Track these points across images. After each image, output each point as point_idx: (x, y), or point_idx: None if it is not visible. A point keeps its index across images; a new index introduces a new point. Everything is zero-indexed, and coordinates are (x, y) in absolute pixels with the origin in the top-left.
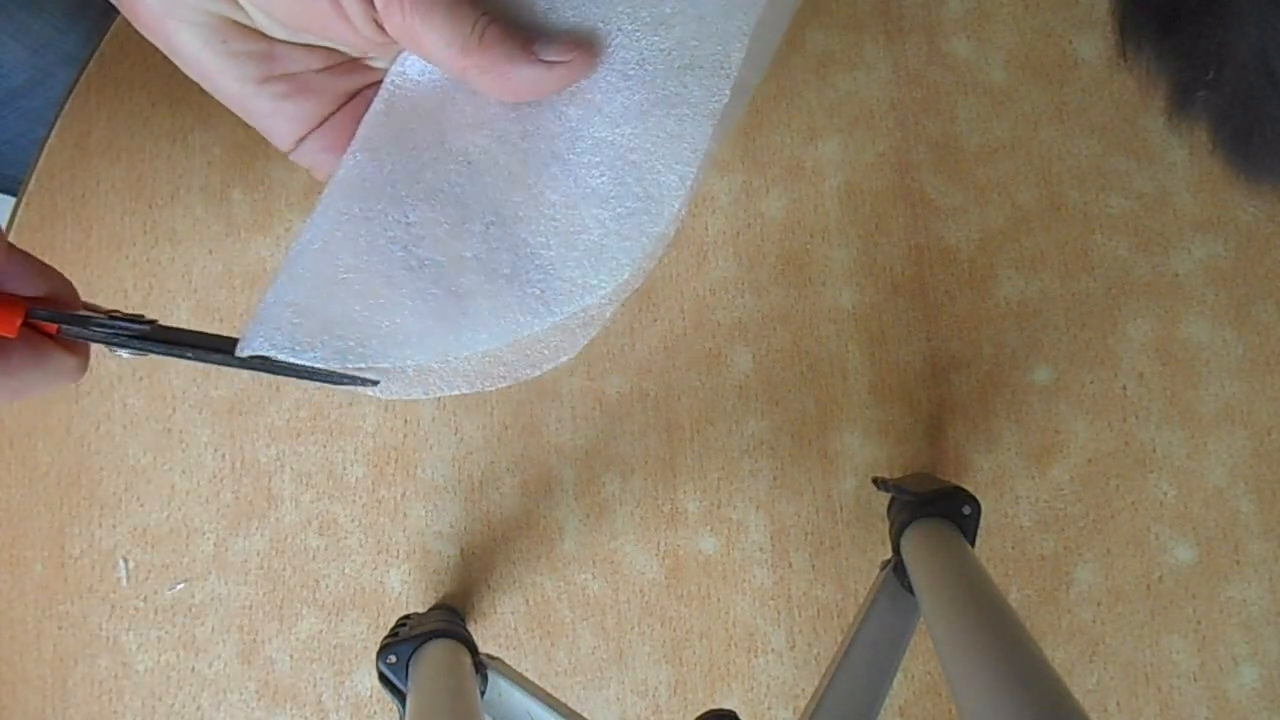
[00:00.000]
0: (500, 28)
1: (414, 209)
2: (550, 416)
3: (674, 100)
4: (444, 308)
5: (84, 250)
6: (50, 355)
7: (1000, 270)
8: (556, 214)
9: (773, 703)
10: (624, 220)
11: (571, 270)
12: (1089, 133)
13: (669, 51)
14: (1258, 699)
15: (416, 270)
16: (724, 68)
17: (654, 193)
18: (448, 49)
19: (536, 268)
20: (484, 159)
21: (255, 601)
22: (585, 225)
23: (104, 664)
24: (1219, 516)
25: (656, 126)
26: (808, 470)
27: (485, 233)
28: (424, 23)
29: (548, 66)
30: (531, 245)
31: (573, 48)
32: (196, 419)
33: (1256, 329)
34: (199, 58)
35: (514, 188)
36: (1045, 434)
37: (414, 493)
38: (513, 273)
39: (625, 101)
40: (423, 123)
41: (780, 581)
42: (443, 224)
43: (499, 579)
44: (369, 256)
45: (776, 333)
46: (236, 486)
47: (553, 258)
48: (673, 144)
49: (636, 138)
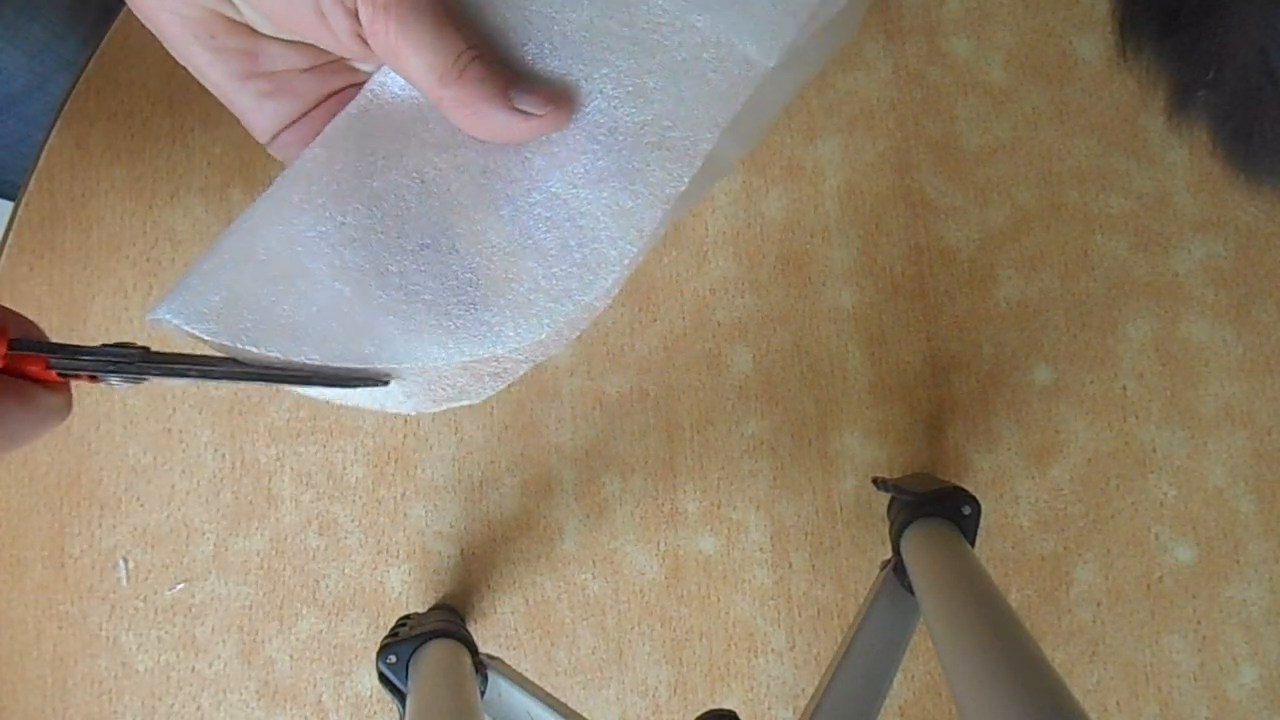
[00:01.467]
0: (483, 65)
1: (352, 211)
2: (550, 416)
3: (634, 176)
4: (352, 314)
5: (84, 251)
6: (35, 396)
7: (1000, 270)
8: (494, 256)
9: (773, 703)
10: (557, 281)
11: (492, 315)
12: (1089, 133)
13: (641, 126)
14: (1258, 699)
15: (336, 270)
16: (690, 155)
17: (592, 262)
18: (427, 74)
19: (458, 303)
20: (438, 182)
21: (255, 601)
22: (518, 275)
23: (104, 664)
24: (1219, 516)
25: (610, 198)
26: (808, 470)
27: (417, 253)
28: (407, 44)
29: (521, 115)
30: (460, 279)
31: (548, 102)
32: (196, 419)
33: (1256, 329)
34: (188, 49)
35: (459, 218)
36: (1045, 434)
37: (414, 493)
38: (433, 300)
39: (588, 165)
40: (389, 132)
41: (780, 581)
42: (377, 233)
43: (499, 579)
44: (293, 245)
45: (776, 333)
46: (236, 486)
47: (477, 298)
48: (621, 219)
49: (589, 203)
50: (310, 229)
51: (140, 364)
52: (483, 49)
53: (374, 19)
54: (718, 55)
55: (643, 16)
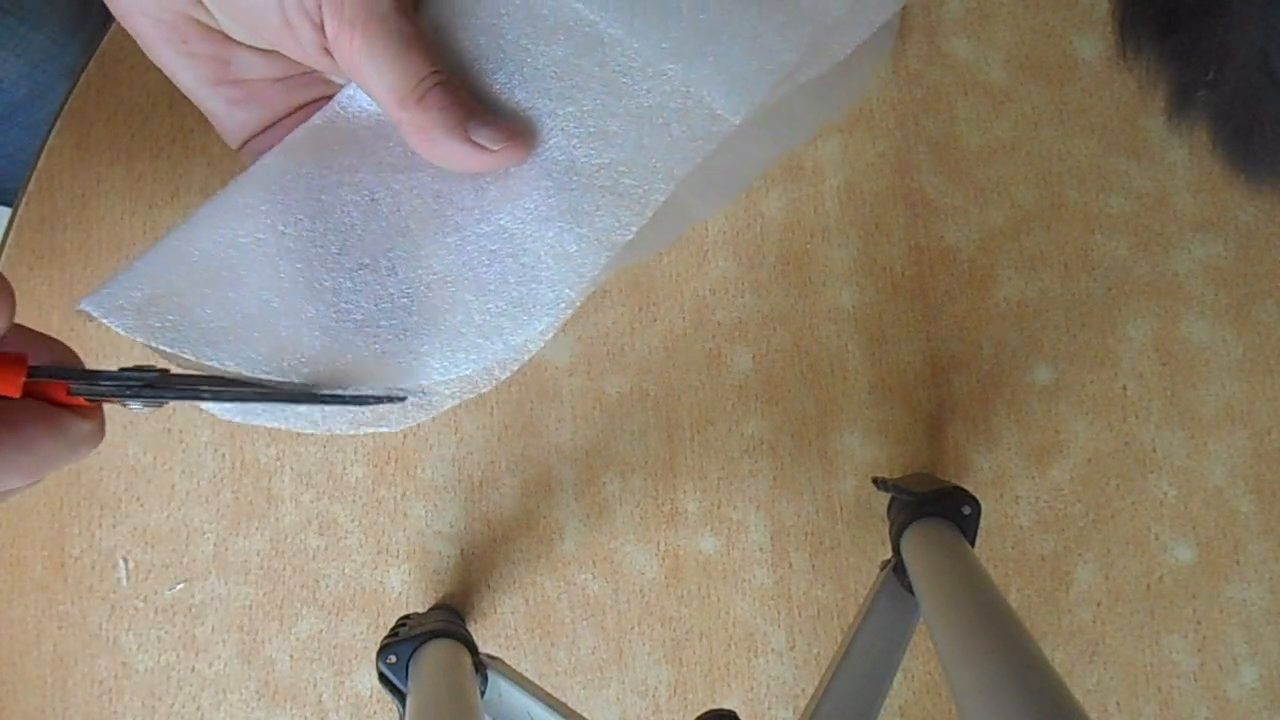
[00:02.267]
0: (443, 92)
1: (295, 222)
2: (550, 416)
3: (583, 218)
4: (275, 326)
5: (84, 251)
6: (64, 422)
7: (1000, 270)
8: (433, 285)
9: (773, 703)
10: (490, 318)
11: (421, 344)
12: (1089, 133)
13: (598, 169)
14: (1258, 699)
15: (268, 280)
16: (641, 203)
17: (528, 302)
18: (388, 95)
19: (389, 327)
20: (388, 203)
21: (255, 601)
22: (453, 306)
23: (104, 664)
24: (1219, 516)
25: (555, 239)
26: (808, 470)
27: (354, 272)
28: (370, 63)
29: (476, 148)
30: (394, 304)
31: (505, 138)
32: (196, 419)
33: (1256, 329)
34: (161, 53)
35: (403, 241)
36: (1045, 434)
37: (414, 493)
38: (363, 321)
39: (539, 202)
40: (348, 147)
41: (780, 581)
42: (316, 247)
43: (499, 579)
44: (228, 250)
45: (776, 333)
46: (236, 486)
47: (409, 324)
48: (562, 262)
49: (533, 241)
50: (248, 235)
51: (159, 387)
52: (447, 75)
53: (339, 33)
54: (684, 106)
55: (615, 59)
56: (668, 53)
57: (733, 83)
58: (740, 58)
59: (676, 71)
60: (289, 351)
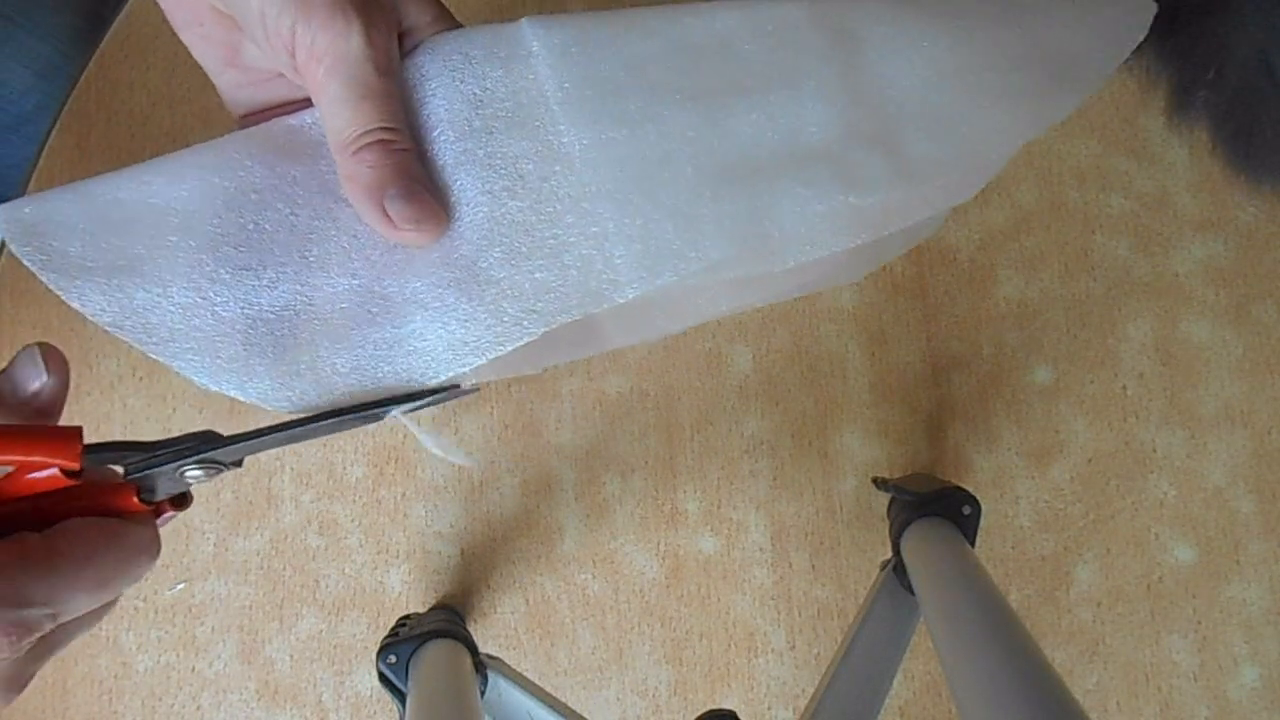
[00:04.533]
0: (379, 152)
1: (210, 203)
2: (550, 416)
3: (451, 321)
4: (137, 288)
5: None
6: (122, 533)
7: (1000, 270)
8: (299, 314)
9: (773, 703)
10: (329, 371)
11: (259, 364)
12: (1089, 133)
13: (490, 282)
14: (1258, 699)
15: (157, 245)
16: (512, 336)
17: (370, 373)
18: (330, 134)
19: (239, 333)
20: (305, 224)
21: (255, 601)
22: (307, 346)
23: (104, 664)
24: (1219, 516)
25: (423, 328)
26: (808, 470)
27: (238, 271)
28: (324, 98)
29: (384, 218)
30: (258, 315)
31: (414, 220)
32: (196, 419)
33: (1256, 329)
34: (182, 31)
35: (298, 263)
36: (1045, 434)
37: (414, 493)
38: (224, 317)
39: (427, 287)
40: (300, 158)
41: (780, 581)
42: (216, 234)
43: (499, 579)
44: (138, 205)
45: (776, 333)
46: (236, 486)
47: (256, 339)
48: (417, 357)
49: (404, 321)
50: (161, 198)
51: (217, 448)
52: (396, 134)
53: (306, 62)
54: (590, 256)
55: (560, 177)
56: (606, 193)
57: (648, 254)
58: (670, 234)
59: (605, 214)
60: (140, 314)
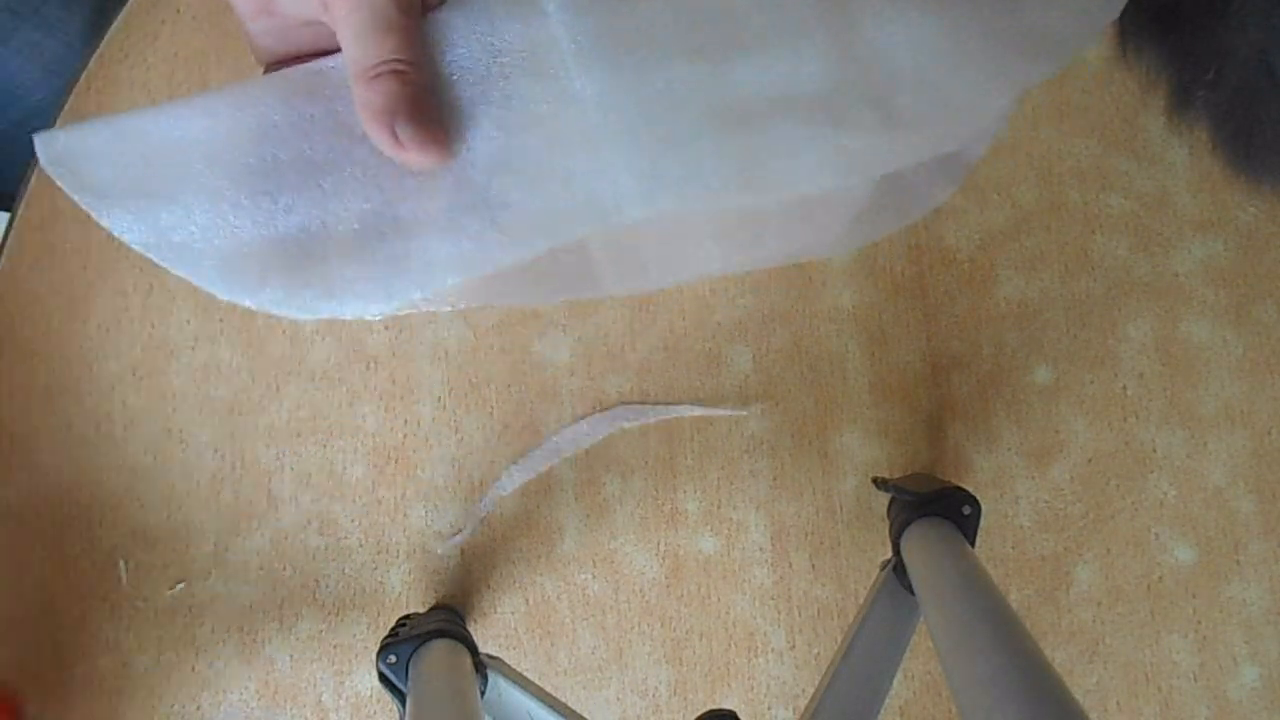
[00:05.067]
0: (394, 81)
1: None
2: (550, 416)
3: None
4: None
5: (84, 250)
6: None
7: (1000, 270)
8: (312, 236)
9: (773, 703)
10: (365, 272)
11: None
12: (1089, 133)
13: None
14: (1258, 699)
15: (188, 175)
16: (517, 250)
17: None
18: (350, 64)
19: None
20: (321, 157)
21: (255, 601)
22: (320, 263)
23: (104, 664)
24: (1219, 516)
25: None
26: (808, 470)
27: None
28: (346, 28)
29: (395, 142)
30: (273, 236)
31: (423, 142)
32: (196, 419)
33: (1256, 329)
34: None
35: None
36: (1045, 434)
37: (414, 493)
38: (242, 239)
39: (439, 208)
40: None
41: (780, 581)
42: (241, 160)
43: (499, 579)
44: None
45: (776, 333)
46: (236, 486)
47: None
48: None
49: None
50: (202, 134)
51: None
52: (414, 69)
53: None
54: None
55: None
56: (616, 133)
57: (652, 181)
58: (673, 165)
59: (614, 149)
60: (164, 233)
